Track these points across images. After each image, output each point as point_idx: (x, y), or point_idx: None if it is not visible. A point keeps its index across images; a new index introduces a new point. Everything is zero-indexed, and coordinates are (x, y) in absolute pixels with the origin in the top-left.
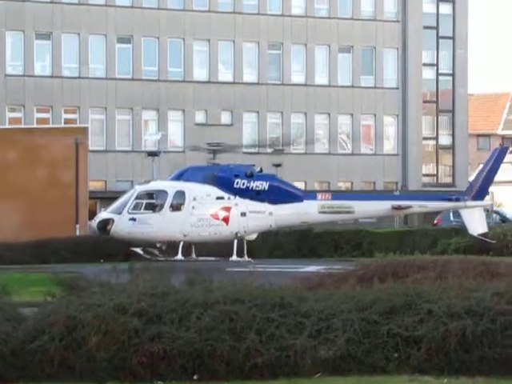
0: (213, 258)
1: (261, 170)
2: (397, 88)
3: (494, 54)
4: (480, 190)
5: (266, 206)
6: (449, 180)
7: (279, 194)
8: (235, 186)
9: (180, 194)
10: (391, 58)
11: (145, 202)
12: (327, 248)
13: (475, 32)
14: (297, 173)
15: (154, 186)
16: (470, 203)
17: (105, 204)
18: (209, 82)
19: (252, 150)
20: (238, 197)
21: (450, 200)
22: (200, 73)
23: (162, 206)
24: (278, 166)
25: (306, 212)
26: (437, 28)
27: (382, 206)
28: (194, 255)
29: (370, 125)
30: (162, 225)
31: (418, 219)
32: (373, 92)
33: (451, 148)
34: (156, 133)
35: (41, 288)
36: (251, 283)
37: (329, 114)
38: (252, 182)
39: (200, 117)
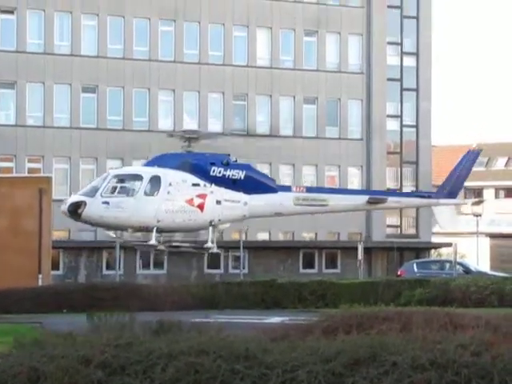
0: (187, 244)
1: (236, 160)
2: (361, 139)
3: (457, 105)
4: (452, 189)
5: (241, 196)
6: (412, 231)
7: (254, 184)
8: (211, 173)
9: (155, 179)
10: (355, 110)
11: (119, 185)
12: (291, 299)
13: (438, 84)
14: (261, 223)
15: (129, 170)
16: (442, 201)
17: (68, 254)
18: (173, 131)
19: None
20: (213, 185)
21: (423, 197)
22: (165, 123)
23: (136, 191)
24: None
25: (280, 203)
26: (401, 80)
27: (357, 201)
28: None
29: (335, 176)
30: (135, 209)
31: (382, 270)
32: (337, 143)
33: None
34: None
35: (2, 339)
36: (216, 334)
37: (293, 165)
38: (228, 171)
39: None
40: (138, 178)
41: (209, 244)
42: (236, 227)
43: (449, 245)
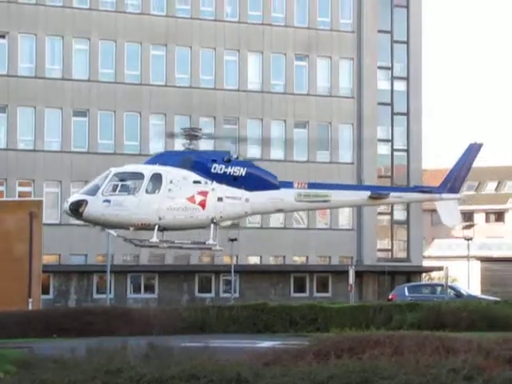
0: (188, 241)
1: (237, 157)
2: (352, 163)
3: (447, 129)
4: (454, 184)
5: (242, 193)
6: (403, 255)
7: (256, 180)
8: (212, 170)
9: (157, 177)
10: (346, 134)
11: (120, 183)
12: (282, 323)
13: (429, 108)
14: (252, 247)
15: (130, 168)
16: (445, 196)
17: (58, 278)
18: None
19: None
20: (215, 182)
21: (425, 192)
22: (156, 147)
23: (137, 189)
24: (233, 240)
25: (282, 199)
26: (391, 104)
27: (359, 196)
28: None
29: None
30: (137, 207)
31: (373, 294)
32: (328, 167)
33: (406, 223)
34: None
35: None
36: (207, 359)
37: None
38: (229, 168)
39: None
40: (139, 175)
41: (210, 241)
42: (227, 251)
43: (440, 268)
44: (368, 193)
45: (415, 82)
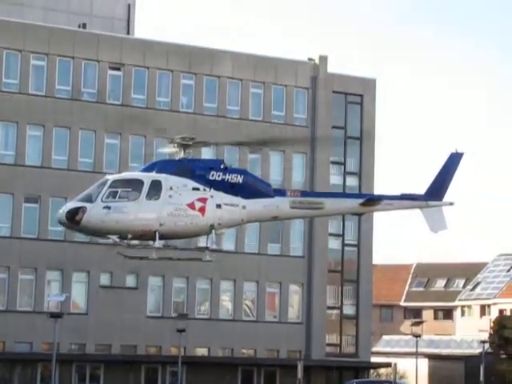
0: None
1: (231, 165)
2: (303, 257)
3: (397, 226)
4: (439, 192)
5: (239, 200)
6: (352, 350)
7: (252, 188)
8: (210, 177)
9: (156, 183)
10: (298, 227)
11: (120, 190)
12: None
13: None
14: (200, 338)
15: (128, 175)
16: (431, 203)
17: (2, 366)
18: (115, 245)
19: (156, 314)
20: (212, 189)
21: (413, 199)
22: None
23: (138, 195)
24: (181, 331)
25: (277, 206)
26: None
27: (352, 203)
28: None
29: (275, 292)
30: (138, 213)
31: None
32: (279, 260)
33: (355, 318)
34: (60, 294)
35: None
36: None
37: (234, 281)
38: (227, 175)
39: (105, 279)
40: (138, 182)
41: (214, 246)
42: (174, 342)
43: (388, 365)
44: (360, 200)
45: (367, 178)
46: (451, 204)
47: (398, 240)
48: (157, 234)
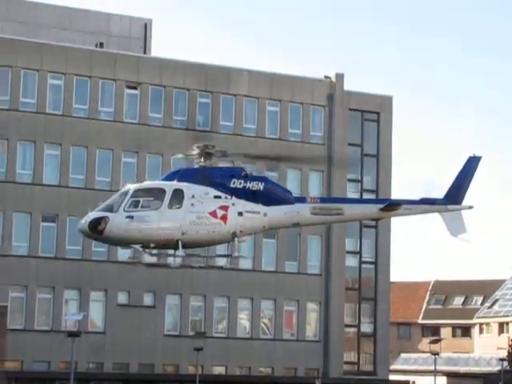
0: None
1: (251, 172)
2: (320, 275)
3: (415, 242)
4: (458, 196)
5: (260, 207)
6: (370, 368)
7: (273, 195)
8: (231, 185)
9: (178, 192)
10: (315, 245)
11: (142, 199)
12: None
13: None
14: (218, 357)
15: (150, 184)
16: (450, 207)
17: None
18: (133, 262)
19: (173, 333)
20: (234, 197)
21: (433, 204)
22: (125, 252)
23: (160, 204)
24: (199, 349)
25: (298, 213)
26: None
27: (371, 208)
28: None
29: (293, 310)
30: (161, 222)
31: None
32: (296, 278)
33: (373, 336)
34: (77, 313)
35: None
36: None
37: (252, 299)
38: (248, 183)
39: (122, 297)
40: (160, 191)
41: (235, 253)
42: (192, 361)
43: (406, 383)
44: (380, 205)
45: (384, 195)
46: (470, 208)
47: (415, 257)
48: (179, 242)
